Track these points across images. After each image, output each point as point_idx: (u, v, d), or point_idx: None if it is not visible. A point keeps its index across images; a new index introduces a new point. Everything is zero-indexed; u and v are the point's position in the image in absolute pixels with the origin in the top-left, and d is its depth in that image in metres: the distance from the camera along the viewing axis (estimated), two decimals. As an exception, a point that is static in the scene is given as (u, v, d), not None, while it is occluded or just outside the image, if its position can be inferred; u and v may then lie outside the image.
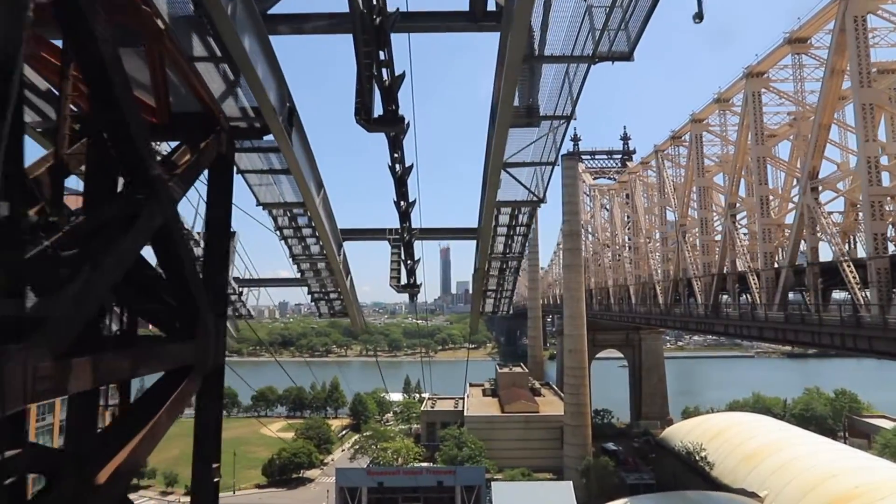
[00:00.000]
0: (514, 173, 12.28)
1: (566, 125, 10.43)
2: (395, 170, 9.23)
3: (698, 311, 50.67)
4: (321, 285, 19.03)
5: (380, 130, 7.16)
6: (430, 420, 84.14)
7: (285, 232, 15.61)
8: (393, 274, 15.20)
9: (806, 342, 34.01)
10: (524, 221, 15.55)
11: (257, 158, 11.57)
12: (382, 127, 6.97)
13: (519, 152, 11.37)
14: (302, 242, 16.21)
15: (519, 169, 12.26)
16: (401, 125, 7.07)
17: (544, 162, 12.10)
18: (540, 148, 11.54)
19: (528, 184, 12.85)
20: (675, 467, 64.89)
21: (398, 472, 60.59)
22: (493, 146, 10.62)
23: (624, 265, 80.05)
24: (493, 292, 19.48)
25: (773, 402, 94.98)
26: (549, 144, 11.38)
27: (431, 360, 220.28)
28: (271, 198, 13.67)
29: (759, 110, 40.99)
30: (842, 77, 31.93)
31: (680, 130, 57.72)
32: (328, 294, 19.51)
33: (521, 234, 16.12)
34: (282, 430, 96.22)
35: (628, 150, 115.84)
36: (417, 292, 15.85)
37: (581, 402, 68.72)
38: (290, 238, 15.91)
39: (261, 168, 12.06)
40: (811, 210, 34.37)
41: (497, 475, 65.27)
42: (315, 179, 12.75)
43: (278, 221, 15.12)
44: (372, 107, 6.71)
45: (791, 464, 53.54)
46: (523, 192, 13.30)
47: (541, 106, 9.93)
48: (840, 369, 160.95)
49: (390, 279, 15.22)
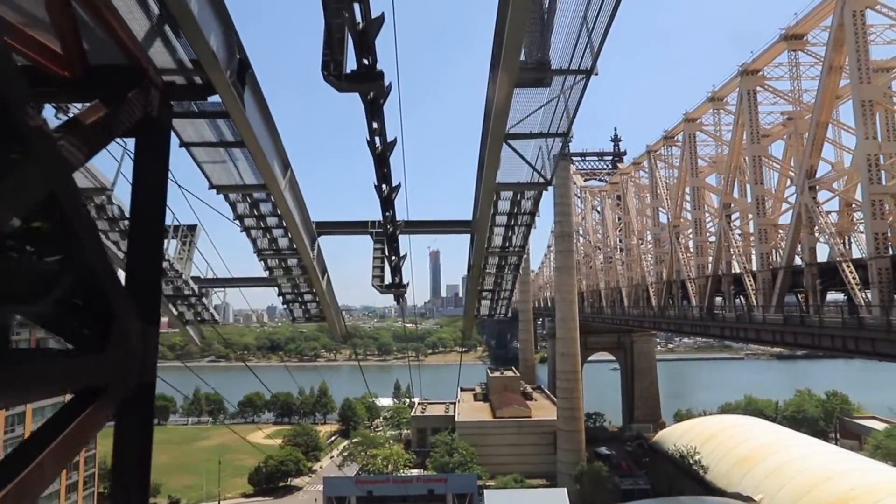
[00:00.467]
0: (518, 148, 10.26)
1: (584, 83, 8.63)
2: (374, 145, 7.63)
3: (693, 314, 49.88)
4: (293, 285, 16.78)
5: (353, 89, 5.91)
6: (420, 426, 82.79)
7: (247, 222, 13.55)
8: (376, 272, 13.51)
9: (805, 344, 33.24)
10: (527, 208, 13.49)
11: (206, 128, 9.66)
12: (356, 85, 5.73)
13: (524, 120, 9.54)
14: (268, 234, 14.09)
15: (522, 144, 10.33)
16: (378, 83, 5.81)
17: (554, 133, 10.10)
18: (549, 114, 9.63)
19: (532, 161, 10.86)
20: (669, 471, 64.21)
21: (388, 481, 59.29)
22: (493, 112, 8.94)
23: (616, 267, 79.36)
24: (489, 293, 17.38)
25: (765, 404, 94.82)
26: (560, 110, 9.46)
27: (421, 364, 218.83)
28: (226, 179, 11.71)
29: (754, 108, 40.35)
30: (840, 74, 31.29)
31: (673, 130, 57.10)
32: (301, 296, 17.26)
33: (523, 225, 14.10)
34: (269, 437, 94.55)
35: (619, 152, 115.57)
36: (403, 293, 14.01)
37: (574, 407, 67.78)
38: (254, 229, 13.81)
39: (209, 140, 10.11)
40: (809, 209, 33.66)
41: (489, 482, 64.09)
42: (279, 157, 11.12)
43: (237, 209, 13.05)
44: (343, 60, 5.50)
45: (785, 467, 53.12)
46: (527, 172, 11.34)
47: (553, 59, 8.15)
48: (828, 370, 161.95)
49: (372, 278, 13.45)
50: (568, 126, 9.99)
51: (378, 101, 6.36)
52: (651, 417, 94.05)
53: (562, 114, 9.64)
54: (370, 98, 6.30)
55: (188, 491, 74.96)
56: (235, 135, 9.50)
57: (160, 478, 75.27)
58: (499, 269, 16.11)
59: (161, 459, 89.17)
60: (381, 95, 6.30)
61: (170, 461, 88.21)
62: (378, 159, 8.21)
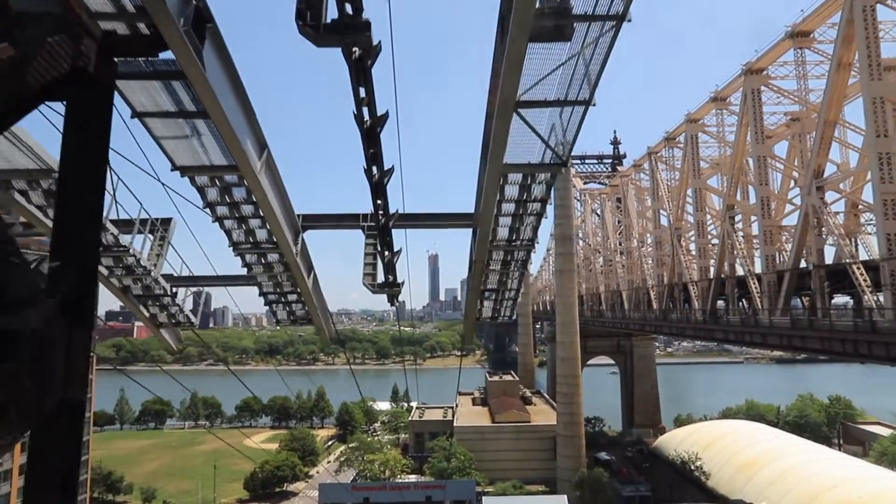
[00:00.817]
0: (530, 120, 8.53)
1: (613, 32, 7.10)
2: (361, 118, 6.38)
3: (696, 317, 49.00)
4: (275, 284, 15.10)
5: (333, 43, 4.95)
6: (418, 430, 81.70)
7: (219, 211, 11.82)
8: (367, 270, 12.11)
9: (814, 349, 32.36)
10: (539, 195, 11.66)
11: (161, 94, 8.11)
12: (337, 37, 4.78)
13: (539, 84, 7.83)
14: (243, 225, 12.34)
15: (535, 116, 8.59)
16: (364, 35, 4.87)
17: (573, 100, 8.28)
18: (567, 77, 7.94)
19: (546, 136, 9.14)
20: (670, 477, 63.30)
21: (385, 488, 58.19)
22: (502, 74, 7.39)
23: (616, 270, 78.57)
24: (492, 293, 15.48)
25: (767, 408, 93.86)
26: (580, 72, 7.82)
27: (420, 368, 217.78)
28: (189, 158, 9.96)
29: (758, 108, 39.57)
30: (849, 71, 30.53)
31: (674, 131, 56.34)
32: (285, 296, 15.52)
33: (532, 214, 12.31)
34: (266, 441, 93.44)
35: (618, 155, 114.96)
36: (398, 292, 12.25)
37: (574, 412, 66.81)
38: (227, 219, 12.12)
39: (167, 110, 8.46)
40: (817, 210, 32.84)
41: (488, 488, 63.06)
42: (252, 133, 9.66)
43: (207, 195, 11.28)
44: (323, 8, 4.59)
45: (789, 473, 52.24)
46: (538, 151, 9.70)
47: (575, 2, 6.69)
48: (828, 375, 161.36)
49: (364, 276, 12.12)
50: (590, 92, 8.23)
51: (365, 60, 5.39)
52: (651, 422, 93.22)
53: (582, 77, 7.99)
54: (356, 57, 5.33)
55: (184, 496, 73.83)
56: (198, 104, 8.03)
57: (155, 482, 74.38)
58: (504, 265, 14.36)
59: (157, 464, 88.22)
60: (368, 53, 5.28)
61: (165, 466, 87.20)
62: (367, 136, 6.84)
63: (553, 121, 9.01)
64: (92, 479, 69.22)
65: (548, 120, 8.96)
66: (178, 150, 9.73)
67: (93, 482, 69.53)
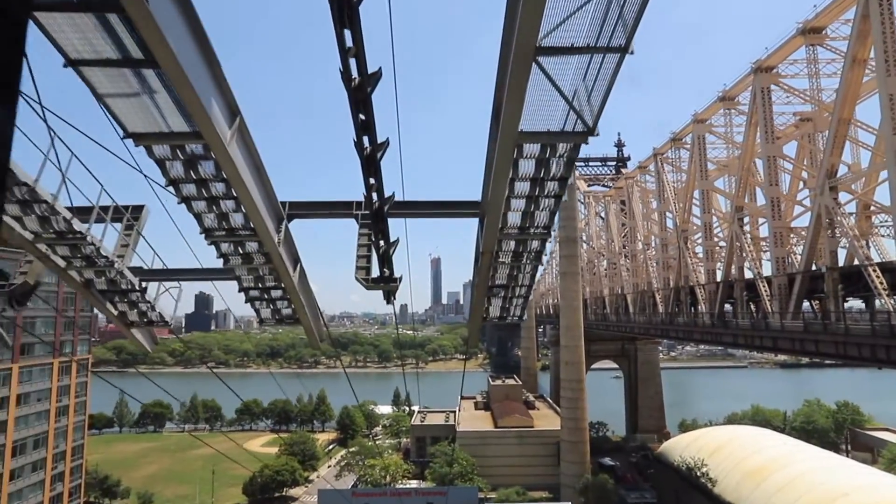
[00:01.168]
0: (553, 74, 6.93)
1: None
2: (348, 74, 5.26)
3: (704, 321, 48.05)
4: (256, 279, 13.19)
5: None
6: (419, 434, 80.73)
7: (184, 189, 9.88)
8: (360, 263, 10.54)
9: (828, 353, 31.42)
10: (558, 172, 9.74)
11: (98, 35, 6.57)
12: None
13: (563, 26, 6.30)
14: (214, 208, 10.46)
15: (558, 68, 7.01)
16: None
17: (605, 47, 6.77)
18: (598, 18, 6.34)
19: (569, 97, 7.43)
20: (676, 484, 62.18)
21: (385, 494, 57.16)
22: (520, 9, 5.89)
23: (621, 273, 77.67)
24: (501, 289, 13.55)
25: (773, 414, 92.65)
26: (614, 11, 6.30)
27: (421, 371, 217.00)
28: (143, 123, 8.23)
29: (768, 107, 38.72)
30: (864, 67, 29.71)
31: (681, 132, 55.53)
32: (268, 291, 13.59)
33: (551, 196, 10.45)
34: (266, 445, 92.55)
35: (622, 157, 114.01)
36: (395, 288, 10.53)
37: (579, 417, 65.74)
38: (195, 200, 10.18)
39: (108, 57, 6.86)
40: (830, 211, 31.95)
41: (490, 494, 62.04)
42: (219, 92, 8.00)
43: (168, 169, 9.43)
44: None
45: (798, 480, 51.08)
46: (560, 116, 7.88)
47: None
48: (834, 379, 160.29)
49: (357, 269, 10.55)
50: (626, 37, 6.59)
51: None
52: (655, 427, 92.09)
53: (616, 18, 6.39)
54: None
55: (181, 501, 73.09)
56: (146, 49, 6.50)
57: (153, 487, 73.59)
58: (515, 257, 12.41)
59: (155, 468, 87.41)
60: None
61: (163, 470, 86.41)
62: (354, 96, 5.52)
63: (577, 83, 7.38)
64: (87, 482, 68.48)
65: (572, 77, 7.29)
66: (129, 112, 8.02)
67: (88, 486, 68.76)
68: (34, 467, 59.21)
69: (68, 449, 63.98)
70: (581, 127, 8.20)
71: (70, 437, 64.50)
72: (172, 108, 7.83)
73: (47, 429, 61.08)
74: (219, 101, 8.00)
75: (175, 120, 8.17)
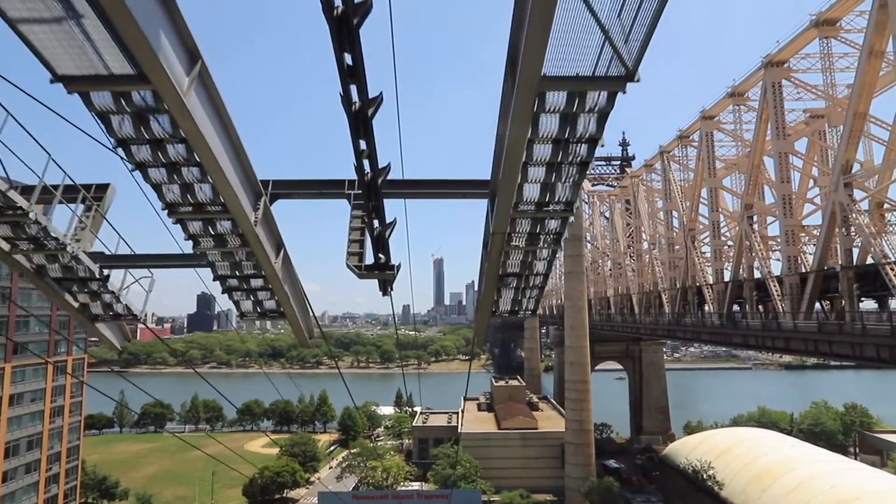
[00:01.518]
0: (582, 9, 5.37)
1: None
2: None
3: (712, 321, 47.11)
4: (233, 265, 11.23)
5: None
6: (422, 436, 79.87)
7: (137, 153, 8.02)
8: (352, 248, 9.04)
9: (843, 354, 30.49)
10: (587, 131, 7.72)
11: None
12: None
13: None
14: (175, 176, 8.59)
15: None
16: None
17: None
18: None
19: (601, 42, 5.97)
20: (682, 486, 61.25)
21: (387, 496, 56.36)
22: None
23: (626, 273, 76.72)
24: (513, 278, 11.59)
25: (780, 416, 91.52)
26: None
27: (424, 372, 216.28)
28: (76, 63, 6.39)
29: (779, 102, 37.77)
30: (881, 59, 28.80)
31: (688, 129, 54.58)
32: (247, 280, 11.69)
33: (576, 163, 8.41)
34: (267, 446, 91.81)
35: (627, 157, 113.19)
36: (391, 277, 8.85)
37: (584, 419, 64.80)
38: (150, 166, 8.32)
39: None
40: (844, 208, 31.02)
41: (494, 497, 61.19)
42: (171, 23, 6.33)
43: (114, 126, 7.55)
44: None
45: (807, 484, 50.12)
46: (591, 57, 6.22)
47: None
48: (839, 381, 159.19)
49: (348, 255, 8.95)
50: None
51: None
52: (660, 429, 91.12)
53: None
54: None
55: (180, 502, 72.44)
56: None
57: (152, 488, 72.93)
58: (531, 240, 10.33)
59: (154, 469, 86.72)
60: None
61: (163, 470, 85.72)
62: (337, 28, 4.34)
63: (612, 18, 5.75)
64: (84, 483, 67.78)
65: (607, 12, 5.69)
66: (56, 48, 6.17)
67: (86, 487, 68.08)
68: (28, 469, 58.51)
69: (63, 450, 63.26)
70: (619, 70, 6.46)
71: (65, 438, 63.78)
72: (110, 42, 6.04)
73: (41, 430, 60.38)
74: (170, 34, 6.31)
75: (115, 59, 6.32)
